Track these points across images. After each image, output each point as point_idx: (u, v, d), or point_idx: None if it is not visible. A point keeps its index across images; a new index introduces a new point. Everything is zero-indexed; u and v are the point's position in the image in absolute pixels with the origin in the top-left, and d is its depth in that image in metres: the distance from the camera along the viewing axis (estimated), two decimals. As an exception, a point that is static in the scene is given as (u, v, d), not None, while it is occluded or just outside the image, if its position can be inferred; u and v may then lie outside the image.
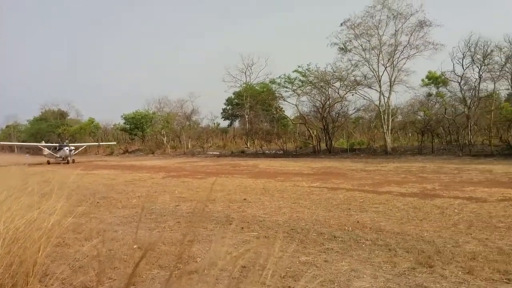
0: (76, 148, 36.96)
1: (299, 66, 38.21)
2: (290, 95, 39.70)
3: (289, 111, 45.86)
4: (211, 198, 10.92)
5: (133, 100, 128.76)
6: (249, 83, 53.56)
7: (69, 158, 34.12)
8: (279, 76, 39.91)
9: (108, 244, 6.48)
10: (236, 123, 61.04)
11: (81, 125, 62.92)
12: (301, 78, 38.37)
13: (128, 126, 57.83)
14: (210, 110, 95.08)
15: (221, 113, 60.83)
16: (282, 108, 45.28)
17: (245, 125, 49.94)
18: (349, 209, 9.27)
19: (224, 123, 62.14)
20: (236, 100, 55.82)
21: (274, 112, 45.83)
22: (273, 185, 14.10)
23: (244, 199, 11.08)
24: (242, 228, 7.54)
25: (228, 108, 59.93)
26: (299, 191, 12.50)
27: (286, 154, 37.43)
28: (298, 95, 39.19)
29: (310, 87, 38.24)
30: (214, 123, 61.36)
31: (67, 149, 34.05)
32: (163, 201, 11.00)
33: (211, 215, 8.67)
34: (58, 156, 34.38)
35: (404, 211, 8.86)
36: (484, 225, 7.25)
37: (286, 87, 39.43)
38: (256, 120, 46.24)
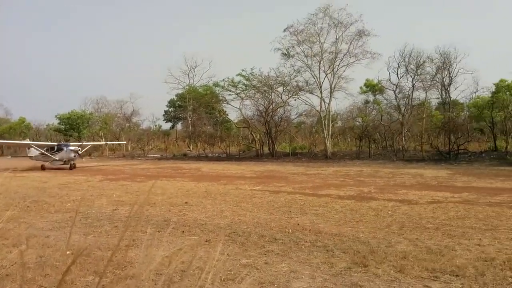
0: (82, 147, 28.50)
1: (242, 70, 38.54)
2: (234, 98, 39.90)
3: (233, 115, 46.02)
4: (151, 201, 10.65)
5: (69, 100, 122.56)
6: (192, 85, 52.94)
7: (71, 162, 26.10)
8: (223, 79, 39.94)
9: (39, 250, 6.12)
10: (179, 126, 59.99)
11: (11, 124, 58.80)
12: (245, 82, 38.66)
13: (63, 127, 54.93)
14: (152, 111, 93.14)
15: (163, 115, 59.60)
16: (225, 111, 45.36)
17: (188, 128, 49.27)
18: (290, 211, 9.43)
19: (166, 126, 60.91)
20: (178, 102, 54.89)
21: (218, 115, 45.75)
22: (215, 188, 14.03)
23: (186, 202, 10.92)
24: (183, 232, 7.43)
25: (170, 110, 58.83)
26: (241, 194, 12.53)
27: (229, 157, 37.42)
28: (242, 98, 39.45)
29: (253, 91, 38.59)
30: (156, 125, 60.02)
31: (70, 150, 25.85)
32: (100, 205, 10.57)
33: (151, 219, 8.47)
34: (57, 159, 26.23)
35: (342, 213, 9.17)
36: (415, 226, 7.68)
37: (230, 91, 39.53)
38: (199, 123, 45.84)
